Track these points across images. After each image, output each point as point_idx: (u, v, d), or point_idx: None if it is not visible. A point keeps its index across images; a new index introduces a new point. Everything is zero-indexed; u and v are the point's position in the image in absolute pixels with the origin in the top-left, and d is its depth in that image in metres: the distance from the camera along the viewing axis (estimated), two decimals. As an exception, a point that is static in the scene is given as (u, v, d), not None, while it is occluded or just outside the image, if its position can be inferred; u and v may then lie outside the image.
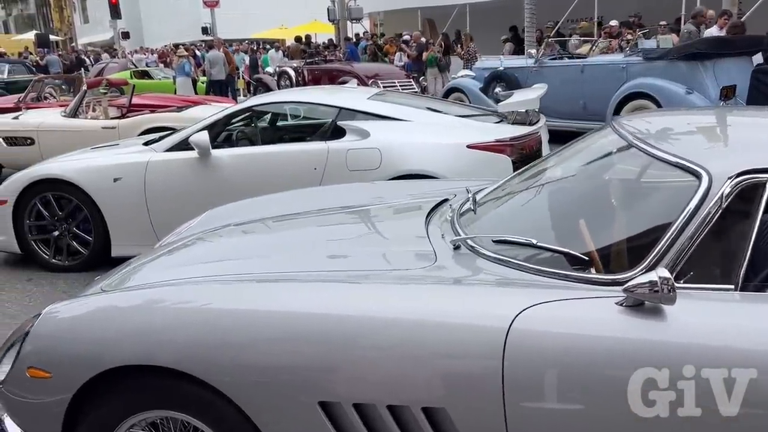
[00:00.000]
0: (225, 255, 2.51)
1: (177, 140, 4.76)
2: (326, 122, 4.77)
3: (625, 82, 9.00)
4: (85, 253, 4.89)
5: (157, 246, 3.17)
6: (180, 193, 4.65)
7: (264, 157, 4.59)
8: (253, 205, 3.31)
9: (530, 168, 2.64)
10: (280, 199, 3.35)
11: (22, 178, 4.86)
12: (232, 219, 3.09)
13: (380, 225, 2.64)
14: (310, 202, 3.20)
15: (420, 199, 2.95)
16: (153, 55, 25.90)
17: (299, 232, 2.75)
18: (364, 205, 2.96)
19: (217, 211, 3.29)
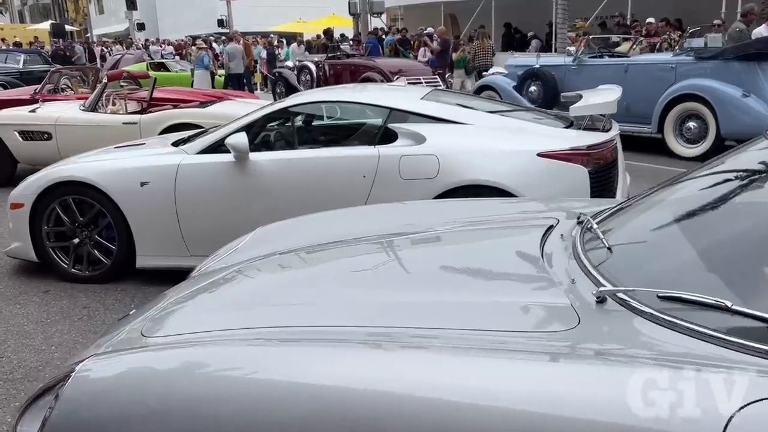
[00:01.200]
0: (275, 298, 2.05)
1: (210, 142, 4.33)
2: (375, 124, 4.32)
3: (674, 82, 8.51)
4: (107, 263, 4.47)
5: (197, 273, 2.73)
6: (214, 201, 4.22)
7: (307, 163, 4.14)
8: (308, 224, 2.87)
9: (670, 186, 2.17)
10: (337, 217, 2.91)
11: (41, 180, 4.45)
12: (283, 241, 2.66)
13: (474, 260, 2.18)
14: (372, 222, 2.75)
15: (511, 223, 2.50)
16: (170, 46, 25.43)
17: (366, 267, 2.28)
18: (442, 230, 2.50)
19: (267, 231, 2.85)
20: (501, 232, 2.40)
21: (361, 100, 4.37)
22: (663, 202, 2.10)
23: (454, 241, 2.41)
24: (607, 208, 2.32)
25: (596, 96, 4.35)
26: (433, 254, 2.30)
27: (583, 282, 1.75)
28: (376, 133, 4.23)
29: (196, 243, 4.30)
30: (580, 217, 2.24)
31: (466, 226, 2.56)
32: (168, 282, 4.51)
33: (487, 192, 3.82)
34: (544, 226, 2.29)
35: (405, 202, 3.16)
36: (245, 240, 2.80)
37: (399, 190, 3.94)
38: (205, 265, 2.78)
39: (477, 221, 2.62)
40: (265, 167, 4.17)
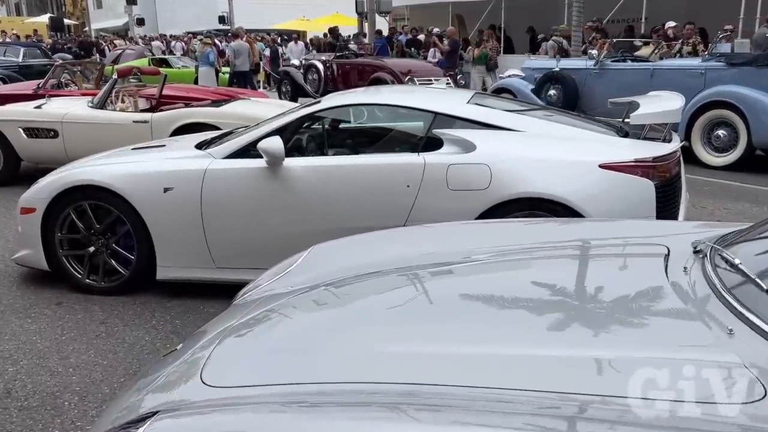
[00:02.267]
0: (331, 344, 1.73)
1: (240, 145, 4.01)
2: (418, 130, 4.01)
3: (703, 89, 8.23)
4: (124, 273, 4.15)
5: (239, 300, 2.43)
6: (243, 209, 3.91)
7: (345, 170, 3.83)
8: (365, 245, 2.56)
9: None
10: (400, 237, 2.61)
11: (55, 183, 4.12)
12: (338, 262, 2.36)
13: (580, 297, 1.88)
14: (437, 243, 2.45)
15: (612, 250, 2.20)
16: (179, 42, 25.03)
17: (428, 302, 1.97)
18: (525, 255, 2.20)
19: (322, 250, 2.55)
20: (605, 260, 2.10)
21: (403, 104, 4.05)
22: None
23: (547, 270, 2.10)
24: (729, 234, 2.03)
25: (656, 103, 4.05)
26: (518, 287, 1.97)
27: (745, 334, 1.45)
28: (419, 139, 3.93)
29: (223, 254, 3.99)
30: (698, 246, 1.94)
31: (553, 250, 2.26)
32: (190, 295, 4.26)
33: (543, 206, 3.53)
34: (658, 255, 1.99)
35: (471, 222, 2.86)
36: (299, 260, 2.49)
37: (446, 202, 3.65)
38: (257, 286, 2.47)
39: (563, 244, 2.32)
40: (299, 174, 3.86)
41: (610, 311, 1.74)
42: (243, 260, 4.00)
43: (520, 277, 2.06)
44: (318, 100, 4.26)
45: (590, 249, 2.24)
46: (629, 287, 1.82)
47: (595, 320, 1.69)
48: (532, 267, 2.14)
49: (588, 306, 1.81)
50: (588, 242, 2.31)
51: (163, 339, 3.60)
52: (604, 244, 2.26)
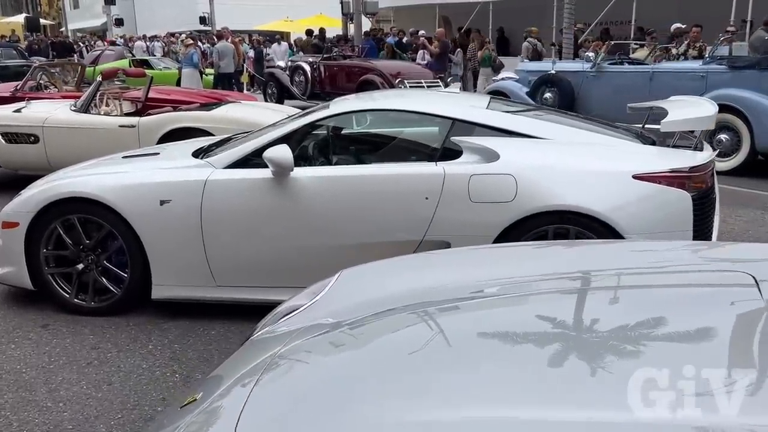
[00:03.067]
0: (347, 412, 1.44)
1: (243, 154, 3.73)
2: (435, 137, 3.76)
3: (704, 92, 8.04)
4: (116, 292, 3.84)
5: (257, 334, 2.15)
6: (248, 223, 3.62)
7: (358, 181, 3.56)
8: (402, 271, 2.28)
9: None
10: (445, 262, 2.33)
11: (40, 195, 3.80)
12: (370, 293, 2.08)
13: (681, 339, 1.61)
14: (480, 269, 2.18)
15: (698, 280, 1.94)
16: (158, 42, 24.54)
17: (467, 345, 1.67)
18: (598, 283, 1.95)
19: (351, 277, 2.27)
20: (688, 293, 1.84)
21: (419, 109, 3.79)
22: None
23: (624, 306, 1.83)
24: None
25: (687, 109, 3.84)
26: (576, 324, 1.70)
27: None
28: (436, 147, 3.67)
29: (225, 271, 3.70)
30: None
31: (614, 278, 2.00)
32: (188, 316, 3.91)
33: (573, 219, 3.30)
34: (746, 284, 1.74)
35: (516, 245, 2.59)
36: (325, 290, 2.21)
37: (468, 215, 3.39)
38: (277, 320, 2.18)
39: (624, 271, 2.06)
40: (308, 185, 3.58)
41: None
42: (246, 278, 3.71)
43: (579, 313, 1.80)
44: (326, 105, 3.98)
45: (659, 278, 1.99)
46: (739, 327, 1.57)
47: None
48: (592, 301, 1.88)
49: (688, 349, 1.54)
50: (652, 269, 2.06)
51: (162, 366, 3.30)
52: (676, 270, 2.01)
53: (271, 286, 3.70)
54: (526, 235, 3.36)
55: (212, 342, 3.56)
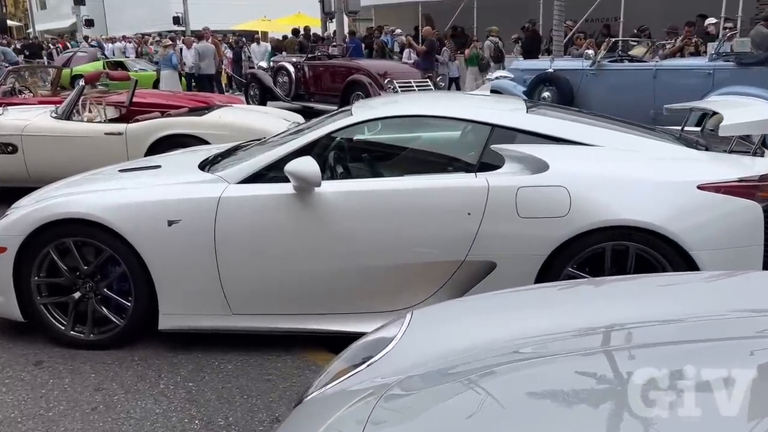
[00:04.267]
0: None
1: (258, 167, 3.35)
2: (472, 145, 3.42)
3: (711, 90, 7.85)
4: (118, 323, 3.44)
5: (312, 394, 1.79)
6: (267, 245, 3.25)
7: (391, 196, 3.21)
8: (489, 312, 1.92)
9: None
10: (517, 301, 1.99)
11: (31, 217, 3.38)
12: (451, 341, 1.73)
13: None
14: (598, 311, 1.83)
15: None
16: (129, 43, 23.88)
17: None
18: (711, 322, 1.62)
19: (425, 321, 1.91)
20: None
21: (453, 115, 3.44)
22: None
23: None
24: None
25: (740, 110, 3.55)
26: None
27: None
28: (474, 156, 3.33)
29: (241, 298, 3.33)
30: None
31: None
32: (199, 347, 3.44)
33: (634, 236, 2.99)
34: None
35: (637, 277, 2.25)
36: (399, 338, 1.84)
37: (515, 232, 3.07)
38: (337, 379, 1.81)
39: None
40: (335, 201, 3.22)
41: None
42: (265, 305, 3.34)
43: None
44: (346, 112, 3.61)
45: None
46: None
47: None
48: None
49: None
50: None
51: (178, 410, 2.91)
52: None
53: (293, 314, 3.34)
54: (579, 254, 3.05)
55: (230, 378, 3.18)
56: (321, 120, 3.78)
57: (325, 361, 3.30)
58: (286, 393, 3.03)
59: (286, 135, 3.97)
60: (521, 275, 3.09)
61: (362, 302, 3.29)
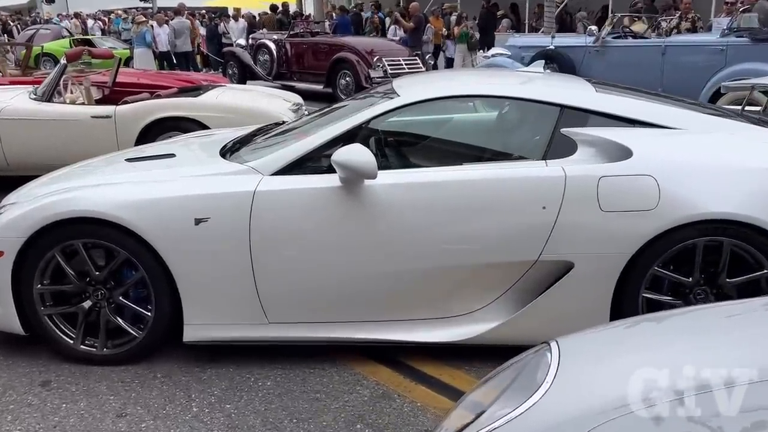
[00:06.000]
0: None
1: (296, 155, 2.94)
2: (538, 129, 3.04)
3: (723, 67, 7.62)
4: (136, 335, 3.01)
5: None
6: (310, 244, 2.85)
7: (453, 188, 2.82)
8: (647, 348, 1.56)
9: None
10: (698, 326, 1.64)
11: (32, 216, 2.91)
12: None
13: None
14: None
15: None
16: (98, 21, 22.85)
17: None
18: None
19: (575, 356, 1.55)
20: None
21: (517, 95, 3.06)
22: None
23: None
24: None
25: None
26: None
27: None
28: (542, 141, 2.96)
29: (280, 305, 2.93)
30: None
31: None
32: (229, 360, 3.01)
33: (730, 231, 2.66)
34: None
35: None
36: (546, 385, 1.47)
37: (597, 228, 2.72)
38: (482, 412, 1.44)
39: None
40: (388, 195, 2.82)
41: None
42: (307, 312, 2.96)
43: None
44: (389, 92, 3.20)
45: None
46: None
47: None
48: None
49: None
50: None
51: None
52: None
53: (339, 321, 2.95)
54: (667, 251, 2.71)
55: (272, 398, 2.78)
56: (354, 101, 3.37)
57: (373, 372, 2.95)
58: (341, 415, 2.65)
59: (314, 119, 3.55)
60: (601, 276, 2.76)
61: (418, 308, 2.92)
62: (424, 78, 3.94)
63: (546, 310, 2.82)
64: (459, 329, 2.90)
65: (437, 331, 2.91)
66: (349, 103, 3.63)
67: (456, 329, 2.90)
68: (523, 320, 2.83)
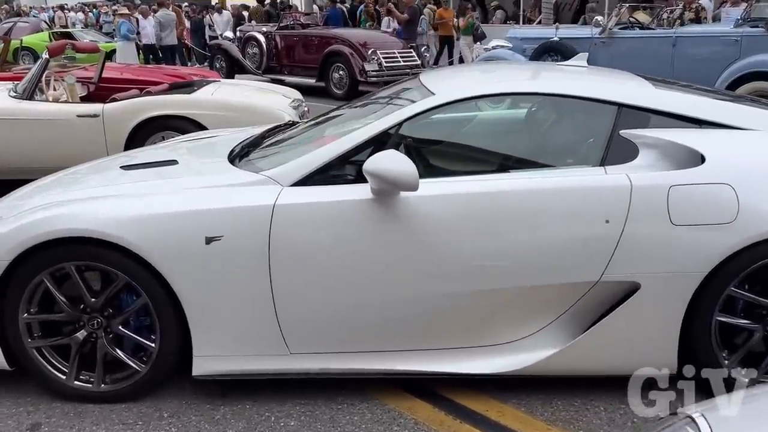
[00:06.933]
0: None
1: (317, 164, 2.57)
2: (592, 131, 2.71)
3: (738, 58, 7.33)
4: (139, 368, 2.64)
5: None
6: (338, 266, 2.50)
7: (501, 200, 2.48)
8: None
9: None
10: None
11: (13, 237, 2.52)
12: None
13: None
14: None
15: None
16: (79, 13, 22.24)
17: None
18: None
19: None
20: None
21: (569, 92, 2.70)
22: None
23: None
24: None
25: None
26: None
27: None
28: (598, 144, 2.62)
29: (302, 334, 2.58)
30: None
31: None
32: (243, 395, 2.66)
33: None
34: None
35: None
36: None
37: (667, 244, 2.41)
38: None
39: None
40: (427, 207, 2.48)
41: None
42: (333, 341, 2.61)
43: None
44: (420, 88, 2.84)
45: None
46: None
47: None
48: None
49: None
50: None
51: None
52: None
53: (370, 351, 2.61)
54: (745, 270, 2.40)
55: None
56: (376, 99, 3.01)
57: (410, 408, 2.60)
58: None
59: (331, 119, 3.20)
60: (670, 298, 2.44)
61: (459, 335, 2.59)
62: (453, 73, 3.59)
63: (606, 338, 2.50)
64: (506, 359, 2.56)
65: (482, 362, 2.57)
66: (369, 101, 3.27)
67: (502, 359, 2.57)
68: (580, 349, 2.51)
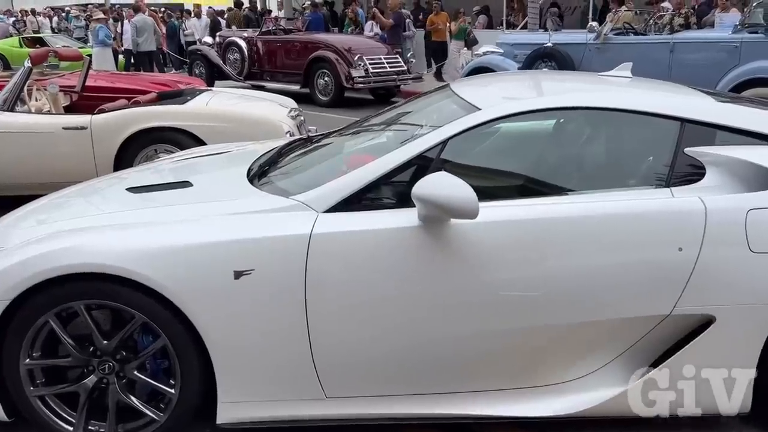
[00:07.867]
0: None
1: (355, 187, 2.32)
2: (655, 148, 2.49)
3: (738, 65, 7.24)
4: (157, 417, 2.36)
5: None
6: (382, 301, 2.25)
7: (562, 226, 2.26)
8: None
9: None
10: None
11: (13, 274, 2.23)
12: None
13: None
14: None
15: None
16: (46, 18, 21.58)
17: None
18: None
19: None
20: None
21: (628, 107, 2.48)
22: None
23: None
24: None
25: None
26: None
27: None
28: (662, 163, 2.40)
29: (340, 377, 2.33)
30: None
31: None
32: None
33: None
34: None
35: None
36: None
37: (745, 273, 2.20)
38: None
39: None
40: (480, 236, 2.24)
41: None
42: (373, 384, 2.36)
43: None
44: (463, 103, 2.60)
45: None
46: None
47: None
48: None
49: None
50: None
51: None
52: None
53: (415, 394, 2.36)
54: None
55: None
56: (405, 113, 2.78)
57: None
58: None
59: (356, 135, 2.95)
60: (748, 333, 2.24)
61: (511, 376, 2.35)
62: (487, 82, 3.36)
63: (674, 377, 2.28)
64: (563, 400, 2.34)
65: (537, 403, 2.34)
66: (396, 115, 3.03)
67: (560, 401, 2.34)
68: (644, 389, 2.29)
